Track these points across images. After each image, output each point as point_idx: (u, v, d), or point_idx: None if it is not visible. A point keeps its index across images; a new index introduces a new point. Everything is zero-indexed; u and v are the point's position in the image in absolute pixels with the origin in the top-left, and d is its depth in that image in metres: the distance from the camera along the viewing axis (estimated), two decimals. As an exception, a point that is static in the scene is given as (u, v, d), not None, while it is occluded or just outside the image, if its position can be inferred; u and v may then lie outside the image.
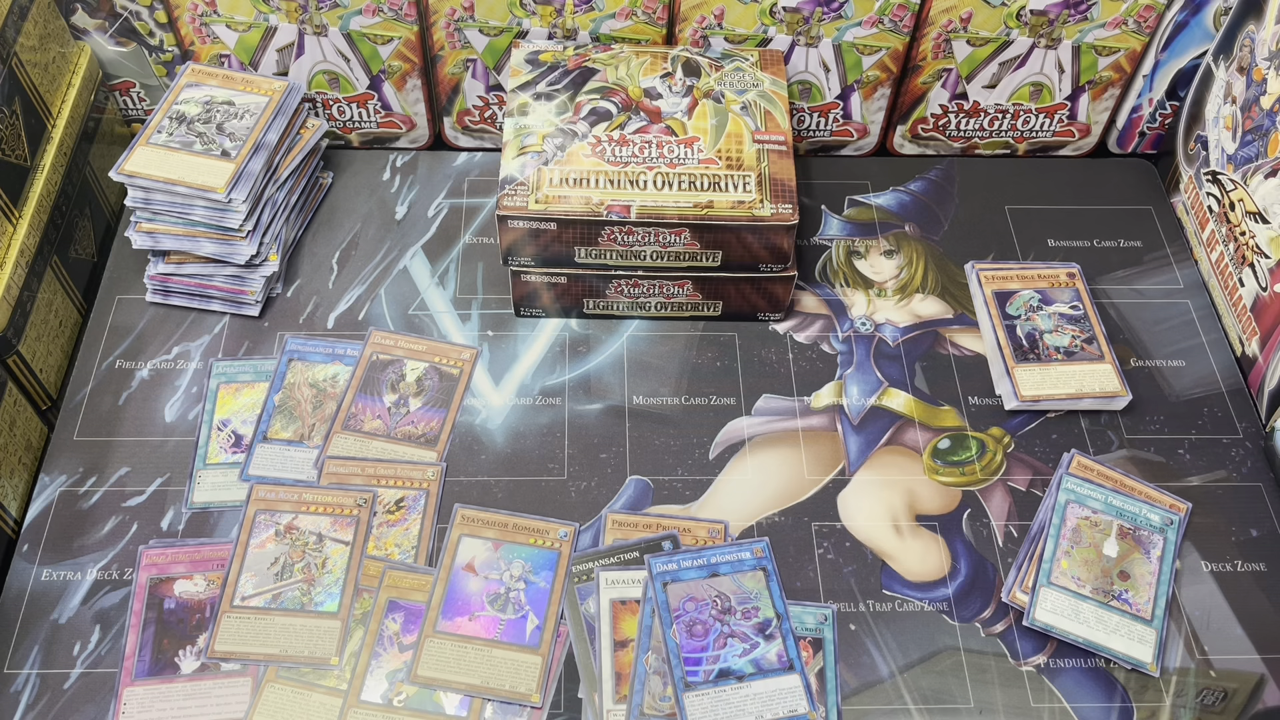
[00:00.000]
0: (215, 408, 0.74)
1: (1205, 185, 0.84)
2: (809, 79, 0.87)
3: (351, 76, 0.87)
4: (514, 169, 0.73)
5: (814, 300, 0.82)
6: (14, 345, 0.71)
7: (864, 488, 0.73)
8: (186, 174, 0.75)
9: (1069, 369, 0.77)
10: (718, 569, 0.66)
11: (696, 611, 0.65)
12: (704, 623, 0.64)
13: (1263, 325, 0.77)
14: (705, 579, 0.66)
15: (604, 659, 0.63)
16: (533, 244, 0.74)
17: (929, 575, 0.69)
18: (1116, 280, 0.85)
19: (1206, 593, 0.69)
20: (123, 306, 0.80)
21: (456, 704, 0.63)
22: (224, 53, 0.85)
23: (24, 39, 0.75)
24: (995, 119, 0.91)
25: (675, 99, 0.78)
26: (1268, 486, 0.74)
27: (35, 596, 0.66)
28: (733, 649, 0.63)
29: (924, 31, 0.84)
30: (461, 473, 0.72)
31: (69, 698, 0.63)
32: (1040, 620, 0.66)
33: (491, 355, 0.78)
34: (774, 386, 0.77)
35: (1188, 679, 0.66)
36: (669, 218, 0.72)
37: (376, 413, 0.74)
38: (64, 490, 0.71)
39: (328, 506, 0.70)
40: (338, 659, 0.64)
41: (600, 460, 0.73)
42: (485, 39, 0.84)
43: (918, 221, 0.88)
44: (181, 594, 0.66)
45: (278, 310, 0.80)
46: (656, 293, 0.78)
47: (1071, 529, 0.70)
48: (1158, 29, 0.85)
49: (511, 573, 0.67)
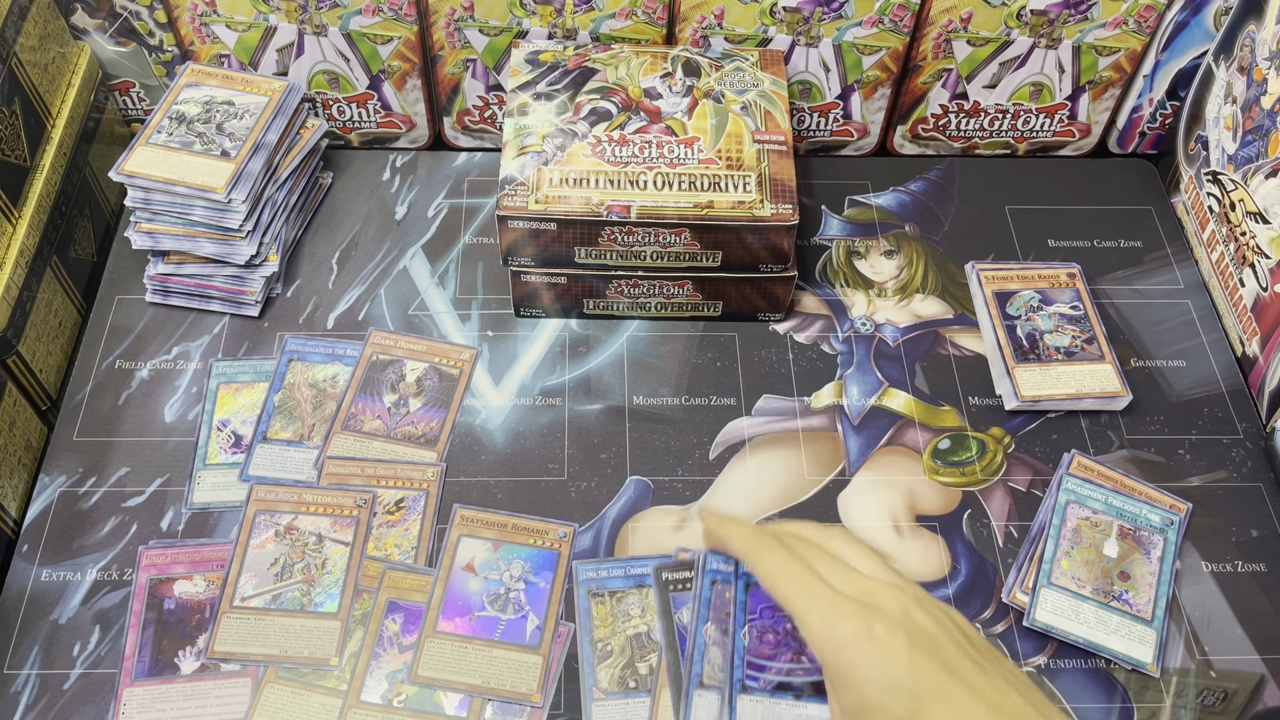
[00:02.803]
0: (215, 408, 0.74)
1: (1206, 185, 0.84)
2: (809, 79, 0.87)
3: (351, 76, 0.86)
4: (514, 169, 0.73)
5: (814, 300, 0.82)
6: (14, 345, 0.71)
7: (864, 488, 0.73)
8: (186, 174, 0.75)
9: (1069, 369, 0.77)
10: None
11: (774, 621, 0.63)
12: (779, 633, 0.63)
13: (1263, 325, 0.77)
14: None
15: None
16: (533, 244, 0.74)
17: (929, 575, 0.69)
18: (1117, 280, 0.85)
19: (1207, 593, 0.69)
20: (123, 306, 0.80)
21: (456, 704, 0.63)
22: (224, 53, 0.85)
23: (24, 39, 0.75)
24: (995, 119, 0.91)
25: (675, 99, 0.77)
26: (1268, 487, 0.74)
27: (35, 597, 0.66)
28: (799, 668, 0.61)
29: (924, 31, 0.84)
30: (461, 473, 0.72)
31: (69, 698, 0.63)
32: (1040, 621, 0.66)
33: (491, 355, 0.78)
34: (774, 387, 0.77)
35: (1188, 679, 0.66)
36: (669, 218, 0.72)
37: (376, 413, 0.74)
38: (64, 490, 0.71)
39: (327, 507, 0.70)
40: (337, 659, 0.64)
41: (600, 460, 0.73)
42: (485, 39, 0.84)
43: (918, 221, 0.88)
44: (181, 594, 0.66)
45: (277, 310, 0.80)
46: (656, 293, 0.78)
47: (1072, 529, 0.70)
48: (1158, 29, 0.85)
49: (511, 573, 0.67)
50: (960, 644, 0.50)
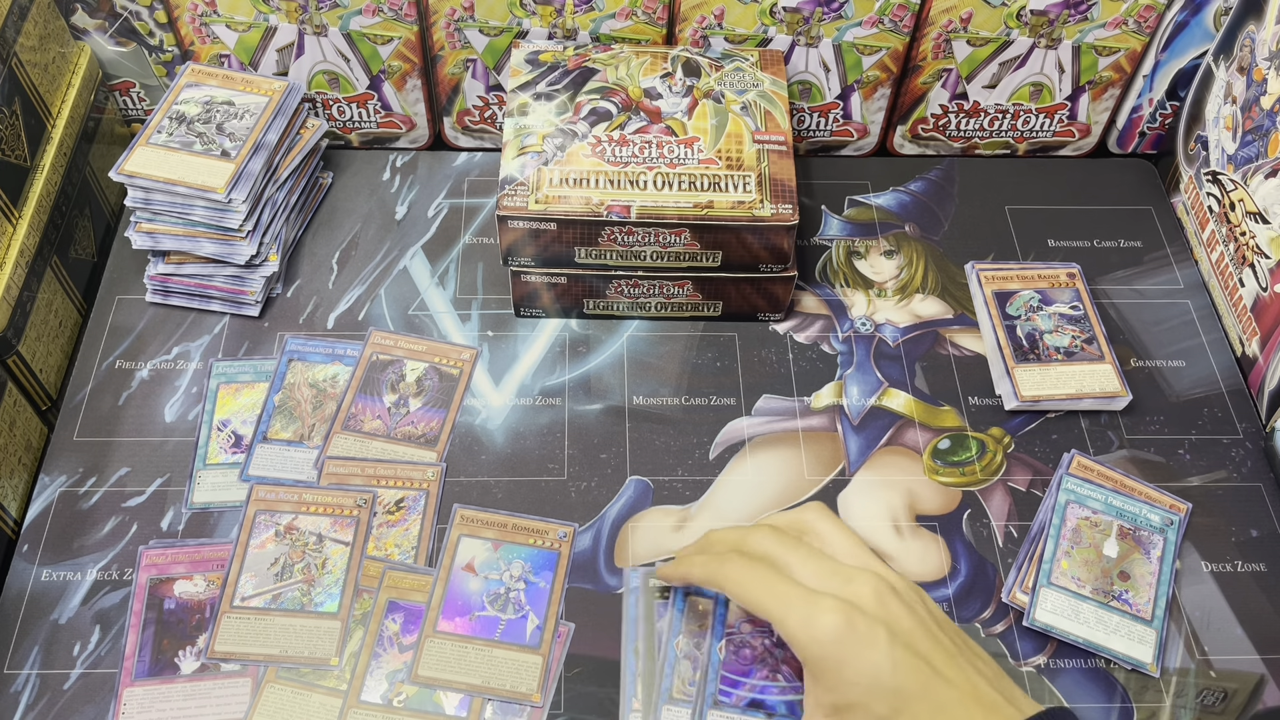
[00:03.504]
0: (215, 408, 0.74)
1: (1205, 185, 0.84)
2: (809, 79, 0.87)
3: (351, 76, 0.86)
4: (514, 169, 0.73)
5: (814, 300, 0.82)
6: (14, 345, 0.71)
7: (864, 488, 0.73)
8: (186, 174, 0.75)
9: (1069, 369, 0.77)
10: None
11: (751, 635, 0.63)
12: (756, 648, 0.62)
13: (1263, 325, 0.77)
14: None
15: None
16: (533, 244, 0.74)
17: (929, 575, 0.69)
18: (1116, 280, 0.85)
19: (1206, 593, 0.69)
20: (123, 306, 0.80)
21: (456, 704, 0.63)
22: (224, 53, 0.85)
23: (24, 39, 0.75)
24: (995, 119, 0.91)
25: (675, 99, 0.77)
26: (1268, 487, 0.74)
27: (35, 597, 0.66)
28: (774, 686, 0.61)
29: (924, 31, 0.84)
30: (461, 473, 0.72)
31: (69, 698, 0.63)
32: (1040, 621, 0.66)
33: (491, 355, 0.78)
34: (774, 387, 0.77)
35: (1188, 679, 0.66)
36: (669, 218, 0.72)
37: (376, 413, 0.74)
38: (64, 490, 0.71)
39: (328, 507, 0.70)
40: (337, 659, 0.64)
41: (600, 460, 0.73)
42: (485, 39, 0.84)
43: (918, 221, 0.88)
44: (181, 594, 0.66)
45: (278, 310, 0.80)
46: (656, 293, 0.78)
47: (1071, 529, 0.70)
48: (1158, 29, 0.85)
49: (511, 573, 0.67)
50: (934, 633, 0.51)
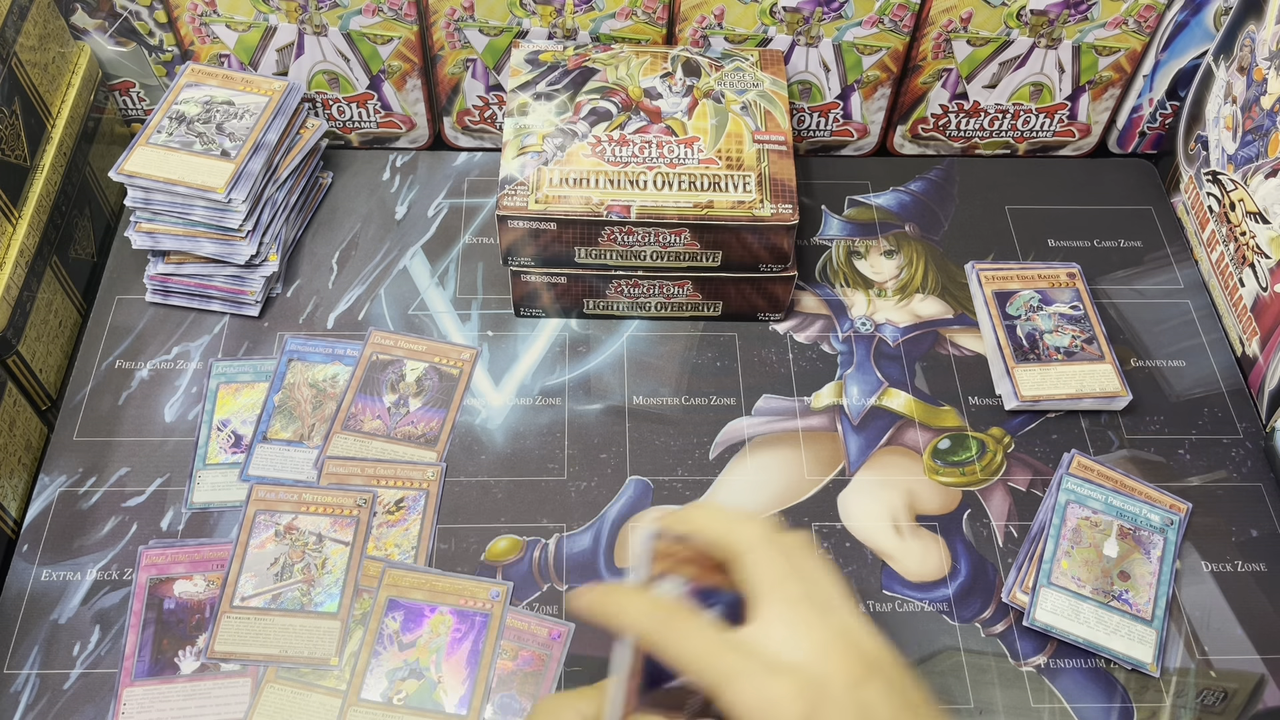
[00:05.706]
0: (215, 408, 0.74)
1: (1205, 185, 0.84)
2: (809, 79, 0.87)
3: (351, 76, 0.86)
4: (514, 169, 0.73)
5: (814, 300, 0.82)
6: (14, 345, 0.71)
7: (864, 488, 0.73)
8: (186, 174, 0.75)
9: (1069, 369, 0.77)
10: None
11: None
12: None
13: (1263, 325, 0.77)
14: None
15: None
16: (533, 244, 0.74)
17: (929, 575, 0.69)
18: (1116, 280, 0.85)
19: (1206, 593, 0.69)
20: (122, 306, 0.80)
21: (456, 702, 0.63)
22: (224, 53, 0.85)
23: (24, 39, 0.75)
24: (995, 119, 0.91)
25: (675, 99, 0.77)
26: (1268, 487, 0.74)
27: (35, 597, 0.66)
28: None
29: (924, 31, 0.84)
30: (461, 473, 0.72)
31: (69, 698, 0.63)
32: (1040, 620, 0.66)
33: (491, 355, 0.78)
34: (774, 386, 0.77)
35: (1188, 679, 0.66)
36: (669, 218, 0.72)
37: (376, 413, 0.74)
38: (64, 490, 0.71)
39: (327, 507, 0.70)
40: (337, 659, 0.64)
41: (600, 460, 0.73)
42: (485, 39, 0.84)
43: (918, 221, 0.88)
44: (181, 594, 0.66)
45: (277, 310, 0.80)
46: (656, 293, 0.78)
47: (1072, 529, 0.70)
48: (1158, 29, 0.85)
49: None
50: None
